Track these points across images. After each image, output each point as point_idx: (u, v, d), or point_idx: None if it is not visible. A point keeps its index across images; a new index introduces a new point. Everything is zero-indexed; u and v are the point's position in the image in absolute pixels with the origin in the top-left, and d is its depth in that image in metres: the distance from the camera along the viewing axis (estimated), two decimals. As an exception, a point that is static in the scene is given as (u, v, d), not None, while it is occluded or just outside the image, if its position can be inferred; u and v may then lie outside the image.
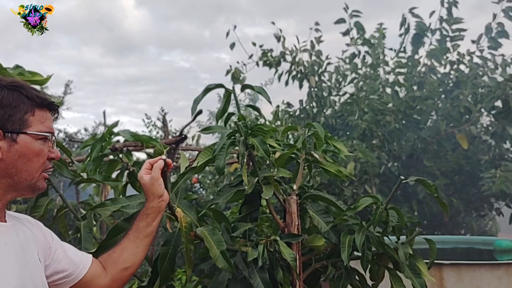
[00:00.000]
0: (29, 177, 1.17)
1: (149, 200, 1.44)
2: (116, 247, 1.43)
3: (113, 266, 1.40)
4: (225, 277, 1.63)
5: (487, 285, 2.93)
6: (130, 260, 1.41)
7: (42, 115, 1.20)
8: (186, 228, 1.53)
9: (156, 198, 1.44)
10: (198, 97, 1.63)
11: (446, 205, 1.77)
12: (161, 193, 1.45)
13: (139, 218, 1.44)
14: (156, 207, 1.44)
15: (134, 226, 1.44)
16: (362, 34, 6.26)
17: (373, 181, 5.09)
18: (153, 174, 1.44)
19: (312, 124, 1.88)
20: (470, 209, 5.91)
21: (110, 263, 1.40)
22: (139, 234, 1.43)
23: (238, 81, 6.29)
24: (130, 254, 1.41)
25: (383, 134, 5.43)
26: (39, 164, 1.18)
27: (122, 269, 1.40)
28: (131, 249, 1.42)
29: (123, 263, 1.40)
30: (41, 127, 1.19)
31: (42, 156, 1.19)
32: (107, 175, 1.81)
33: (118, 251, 1.41)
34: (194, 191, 6.78)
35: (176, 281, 3.52)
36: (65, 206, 1.74)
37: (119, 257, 1.40)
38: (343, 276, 1.73)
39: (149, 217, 1.44)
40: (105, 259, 1.41)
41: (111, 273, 1.39)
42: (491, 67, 5.78)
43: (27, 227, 1.27)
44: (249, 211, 1.74)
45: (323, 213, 1.76)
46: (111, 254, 1.42)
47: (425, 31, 6.08)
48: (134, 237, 1.42)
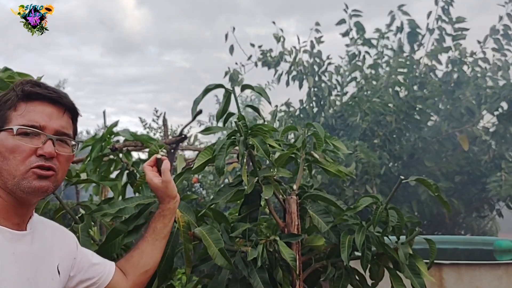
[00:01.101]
0: (10, 176, 1.08)
1: (164, 202, 1.44)
2: (133, 251, 1.42)
3: (133, 271, 1.39)
4: (225, 277, 1.63)
5: (487, 285, 2.93)
6: (150, 263, 1.41)
7: (25, 109, 1.10)
8: (184, 227, 1.53)
9: (172, 200, 1.45)
10: (198, 98, 1.63)
11: (448, 204, 1.76)
12: (175, 194, 1.46)
13: (156, 220, 1.44)
14: (172, 208, 1.45)
15: (150, 229, 1.43)
16: (362, 34, 6.27)
17: (374, 181, 5.10)
18: (164, 178, 1.43)
19: (312, 124, 1.88)
20: (471, 210, 5.91)
21: (130, 267, 1.39)
22: (157, 236, 1.43)
23: (236, 82, 6.30)
24: (149, 257, 1.41)
25: (385, 134, 5.43)
26: (16, 162, 1.07)
27: (142, 273, 1.40)
28: (149, 251, 1.41)
29: (143, 267, 1.40)
30: (20, 120, 1.09)
31: (19, 152, 1.07)
32: (105, 176, 1.81)
33: (136, 255, 1.40)
34: (194, 191, 6.78)
35: (176, 281, 3.52)
36: (62, 207, 1.74)
37: (139, 261, 1.39)
38: (343, 276, 1.73)
39: (166, 218, 1.44)
40: (124, 264, 1.39)
41: (132, 277, 1.38)
42: (493, 69, 5.78)
43: (51, 235, 1.22)
44: (249, 211, 1.74)
45: (323, 213, 1.76)
46: (129, 259, 1.40)
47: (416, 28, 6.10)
48: (153, 239, 1.42)
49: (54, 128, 1.13)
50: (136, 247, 1.42)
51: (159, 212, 1.45)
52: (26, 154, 1.08)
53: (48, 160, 1.10)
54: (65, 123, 1.16)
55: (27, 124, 1.09)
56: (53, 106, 1.14)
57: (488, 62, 5.85)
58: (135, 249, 1.42)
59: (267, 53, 6.33)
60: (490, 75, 5.76)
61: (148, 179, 1.45)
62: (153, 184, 1.44)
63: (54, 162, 1.12)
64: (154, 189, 1.45)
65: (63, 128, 1.15)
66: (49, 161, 1.10)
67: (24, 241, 1.11)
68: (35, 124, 1.10)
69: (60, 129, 1.14)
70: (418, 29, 6.19)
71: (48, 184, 1.11)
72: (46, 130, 1.11)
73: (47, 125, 1.11)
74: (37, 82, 1.16)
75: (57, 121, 1.13)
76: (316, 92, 6.28)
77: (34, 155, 1.09)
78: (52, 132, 1.12)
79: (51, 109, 1.14)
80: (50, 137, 1.11)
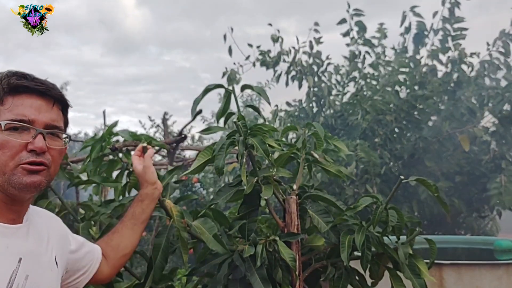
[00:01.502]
0: (0, 173, 1.05)
1: (142, 187, 1.48)
2: (112, 234, 1.43)
3: (113, 254, 1.41)
4: (223, 274, 1.63)
5: (487, 285, 2.92)
6: (128, 246, 1.44)
7: (12, 102, 1.06)
8: (177, 216, 1.57)
9: (150, 185, 1.48)
10: (198, 98, 1.64)
11: (447, 205, 1.77)
12: (154, 180, 1.49)
13: (134, 205, 1.47)
14: (150, 194, 1.48)
15: (129, 213, 1.46)
16: (363, 34, 6.27)
17: (374, 181, 5.09)
18: (145, 163, 1.50)
19: (312, 124, 1.88)
20: (471, 210, 5.91)
21: (110, 250, 1.40)
22: (136, 221, 1.45)
23: (234, 81, 6.31)
24: (128, 241, 1.44)
25: (385, 133, 5.43)
26: (5, 158, 1.04)
27: (121, 256, 1.43)
28: (129, 235, 1.44)
29: (123, 250, 1.43)
30: (8, 115, 1.05)
31: (8, 148, 1.04)
32: (106, 176, 1.82)
33: (116, 239, 1.42)
34: (194, 191, 6.78)
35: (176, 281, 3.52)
36: (64, 207, 1.75)
37: (119, 245, 1.42)
38: (343, 276, 1.73)
39: (143, 203, 1.47)
40: (104, 247, 1.40)
41: (112, 261, 1.41)
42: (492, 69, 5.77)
43: (46, 225, 1.20)
44: (248, 211, 1.74)
45: (323, 213, 1.76)
46: (108, 242, 1.42)
47: (424, 31, 6.08)
48: (132, 224, 1.44)
49: (44, 122, 1.09)
50: (115, 231, 1.44)
51: (138, 197, 1.48)
52: (16, 150, 1.05)
53: (39, 155, 1.07)
54: (55, 115, 1.12)
55: (16, 118, 1.06)
56: (42, 99, 1.10)
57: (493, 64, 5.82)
58: (114, 232, 1.44)
59: (265, 54, 6.33)
60: (491, 76, 5.75)
61: (134, 165, 1.52)
62: (136, 171, 1.51)
63: (46, 157, 1.08)
64: (136, 175, 1.52)
65: (54, 121, 1.11)
66: (40, 156, 1.07)
67: (19, 234, 1.09)
68: (23, 119, 1.06)
69: (50, 122, 1.10)
70: (426, 32, 6.16)
71: (40, 179, 1.07)
72: (36, 124, 1.08)
73: (36, 118, 1.08)
74: (23, 73, 1.11)
75: (46, 114, 1.10)
76: (316, 92, 6.28)
77: (25, 151, 1.05)
78: (42, 125, 1.09)
79: (40, 102, 1.10)
80: (40, 131, 1.07)
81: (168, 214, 1.59)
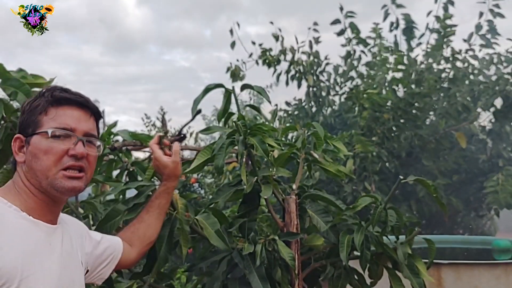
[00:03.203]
0: (43, 176, 1.14)
1: (170, 180, 1.55)
2: (139, 224, 1.52)
3: (140, 242, 1.49)
4: (222, 271, 1.64)
5: (486, 284, 2.93)
6: (154, 234, 1.53)
7: (56, 113, 1.18)
8: (182, 209, 1.61)
9: (177, 179, 1.57)
10: (198, 98, 1.64)
11: (444, 205, 1.77)
12: (180, 174, 1.58)
13: (161, 196, 1.54)
14: (175, 186, 1.57)
15: (155, 204, 1.53)
16: (358, 34, 6.27)
17: (372, 179, 5.10)
18: (174, 158, 1.55)
19: (312, 124, 1.88)
20: (469, 209, 5.92)
21: (137, 239, 1.49)
22: (161, 211, 1.54)
23: (238, 78, 6.32)
24: (154, 230, 1.53)
25: (383, 132, 5.43)
26: (49, 162, 1.14)
27: (147, 244, 1.52)
28: (155, 224, 1.52)
29: (149, 238, 1.52)
30: (52, 124, 1.16)
31: (52, 153, 1.15)
32: (108, 176, 1.82)
33: (143, 228, 1.50)
34: (193, 190, 6.77)
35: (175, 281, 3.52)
36: (67, 205, 1.76)
37: (145, 233, 1.50)
38: (342, 276, 1.73)
39: (169, 195, 1.55)
40: (130, 237, 1.48)
41: (138, 248, 1.49)
42: (482, 64, 5.76)
43: (75, 231, 1.30)
44: (248, 210, 1.74)
45: (322, 213, 1.76)
46: (135, 231, 1.50)
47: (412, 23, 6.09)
48: (157, 214, 1.52)
49: (83, 130, 1.20)
50: (142, 220, 1.52)
51: (164, 189, 1.54)
52: (59, 155, 1.15)
53: (78, 160, 1.17)
54: (92, 125, 1.24)
55: (59, 127, 1.16)
56: (81, 110, 1.21)
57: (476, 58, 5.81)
58: (140, 222, 1.51)
59: (267, 52, 6.33)
60: (483, 71, 5.74)
61: (158, 156, 1.55)
62: (162, 162, 1.54)
63: (84, 162, 1.19)
64: (162, 167, 1.55)
65: (91, 130, 1.22)
66: (79, 161, 1.17)
67: (57, 234, 1.19)
68: (66, 127, 1.17)
69: (88, 131, 1.21)
70: (413, 24, 6.18)
71: (80, 185, 1.18)
72: (77, 132, 1.18)
73: (77, 127, 1.19)
74: (64, 88, 1.23)
75: (85, 124, 1.21)
76: (315, 92, 6.28)
77: (66, 155, 1.16)
78: (81, 134, 1.19)
79: (79, 113, 1.21)
80: (81, 139, 1.18)
81: (173, 206, 1.61)
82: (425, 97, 5.44)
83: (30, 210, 1.15)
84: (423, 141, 5.50)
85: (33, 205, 1.16)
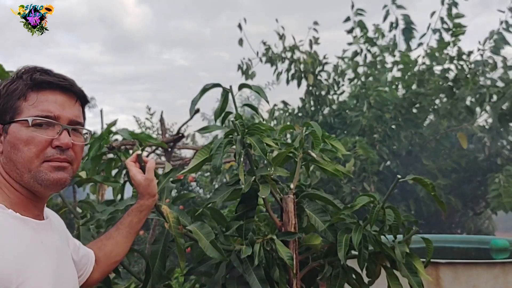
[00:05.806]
0: (25, 169, 1.04)
1: (143, 198, 1.45)
2: (107, 240, 1.42)
3: (105, 260, 1.40)
4: (221, 274, 1.64)
5: (484, 284, 2.94)
6: (121, 254, 1.43)
7: (36, 98, 1.05)
8: (173, 222, 1.57)
9: (151, 198, 1.47)
10: (195, 97, 1.64)
11: (443, 204, 1.77)
12: (155, 193, 1.48)
13: (132, 214, 1.45)
14: (149, 205, 1.47)
15: (126, 221, 1.44)
16: (366, 33, 6.30)
17: (371, 179, 5.10)
18: (147, 175, 1.45)
19: (310, 123, 1.89)
20: (467, 208, 5.92)
21: (102, 256, 1.39)
22: (131, 230, 1.44)
23: (249, 76, 6.34)
24: (121, 249, 1.42)
25: (384, 130, 5.44)
26: (31, 154, 1.03)
27: (112, 262, 1.43)
28: (123, 243, 1.42)
29: (115, 257, 1.42)
30: (33, 111, 1.04)
31: (34, 144, 1.03)
32: (107, 176, 1.82)
33: (110, 245, 1.41)
34: (191, 190, 6.78)
35: (173, 281, 3.53)
36: (65, 205, 1.76)
37: (112, 252, 1.40)
38: (340, 275, 1.73)
39: (141, 214, 1.45)
40: (96, 253, 1.39)
41: (102, 266, 1.39)
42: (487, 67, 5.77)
43: (60, 225, 1.23)
44: (245, 210, 1.74)
45: (320, 212, 1.76)
46: (102, 247, 1.40)
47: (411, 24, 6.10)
48: (127, 233, 1.43)
49: (68, 118, 1.08)
50: (110, 237, 1.42)
51: (137, 207, 1.45)
52: (42, 146, 1.04)
53: (64, 151, 1.07)
54: (77, 111, 1.12)
55: (41, 114, 1.05)
56: (65, 95, 1.09)
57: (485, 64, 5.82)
58: (108, 238, 1.41)
59: (270, 49, 6.36)
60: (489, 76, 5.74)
61: (132, 174, 1.46)
62: (136, 180, 1.45)
63: (70, 153, 1.08)
64: (136, 185, 1.46)
65: (76, 117, 1.11)
66: (64, 153, 1.07)
67: (46, 230, 1.10)
68: (49, 115, 1.05)
69: (74, 118, 1.10)
70: (412, 25, 6.19)
71: (65, 176, 1.08)
72: (61, 120, 1.07)
73: (61, 115, 1.07)
74: (45, 69, 1.10)
75: (70, 110, 1.09)
76: (315, 91, 6.29)
77: (50, 147, 1.05)
78: (66, 121, 1.08)
79: (63, 98, 1.09)
80: (66, 127, 1.07)
81: (165, 218, 1.59)
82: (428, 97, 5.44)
83: (15, 206, 1.04)
84: (423, 140, 5.51)
85: (17, 200, 1.06)
